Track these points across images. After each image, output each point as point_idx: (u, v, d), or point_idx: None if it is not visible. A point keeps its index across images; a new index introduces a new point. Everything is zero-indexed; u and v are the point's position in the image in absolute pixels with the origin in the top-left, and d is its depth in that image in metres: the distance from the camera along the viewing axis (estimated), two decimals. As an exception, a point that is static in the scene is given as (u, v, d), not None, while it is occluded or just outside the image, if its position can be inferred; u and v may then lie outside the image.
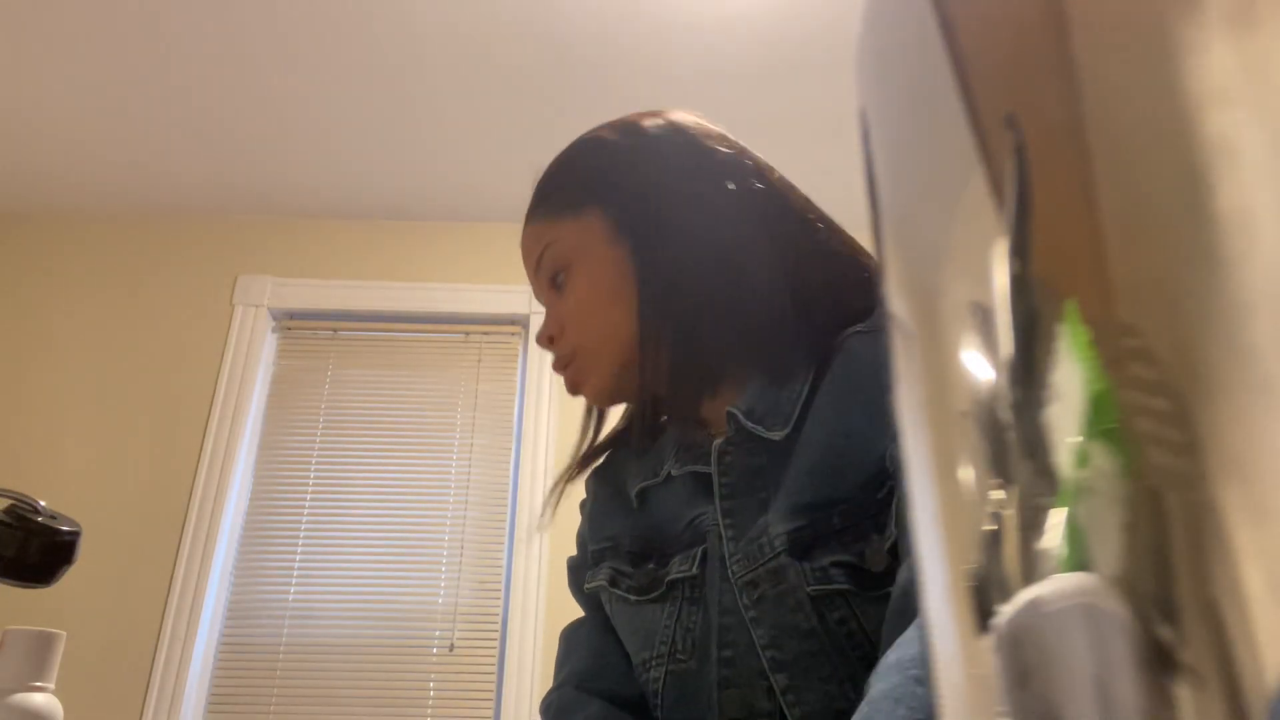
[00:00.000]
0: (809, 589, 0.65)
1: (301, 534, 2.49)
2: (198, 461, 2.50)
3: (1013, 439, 0.13)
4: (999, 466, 0.13)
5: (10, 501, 0.77)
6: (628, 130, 0.80)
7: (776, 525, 0.67)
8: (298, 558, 2.46)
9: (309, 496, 2.53)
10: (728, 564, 0.69)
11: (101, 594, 2.33)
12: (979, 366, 0.14)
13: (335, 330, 2.71)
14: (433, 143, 2.51)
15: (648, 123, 0.79)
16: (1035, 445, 0.13)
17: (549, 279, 0.80)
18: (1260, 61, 0.11)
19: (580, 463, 0.83)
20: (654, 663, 0.71)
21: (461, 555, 2.47)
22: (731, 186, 0.75)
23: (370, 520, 2.51)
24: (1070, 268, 0.13)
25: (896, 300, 0.17)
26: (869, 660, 0.63)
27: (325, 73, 2.27)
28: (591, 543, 0.81)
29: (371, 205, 2.75)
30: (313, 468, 2.56)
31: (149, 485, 2.47)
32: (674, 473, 0.75)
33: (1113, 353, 0.12)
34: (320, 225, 2.80)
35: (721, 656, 0.67)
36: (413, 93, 2.33)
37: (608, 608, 0.78)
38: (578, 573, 0.83)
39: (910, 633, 0.52)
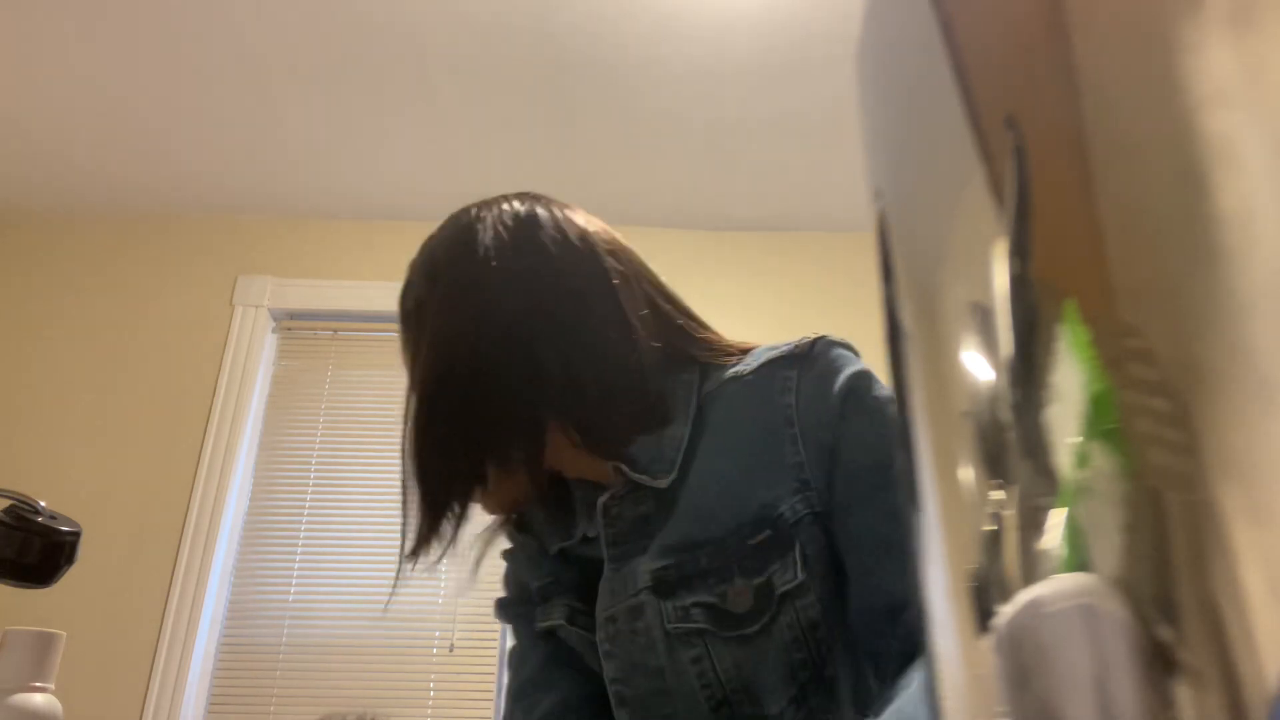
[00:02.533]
0: (668, 626, 0.67)
1: (301, 534, 2.49)
2: (198, 461, 2.50)
3: (1013, 439, 0.13)
4: (999, 467, 0.13)
5: (10, 501, 0.77)
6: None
7: (645, 564, 0.69)
8: (298, 558, 2.46)
9: (309, 496, 2.53)
10: (600, 601, 0.71)
11: (101, 594, 2.33)
12: (979, 366, 0.14)
13: (335, 330, 2.71)
14: (433, 143, 2.51)
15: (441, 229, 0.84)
16: (1035, 445, 0.13)
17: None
18: (1260, 61, 0.11)
19: (499, 525, 0.84)
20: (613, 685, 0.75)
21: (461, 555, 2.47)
22: (518, 258, 0.76)
23: (370, 520, 2.51)
24: (1070, 268, 0.13)
25: (897, 301, 0.17)
26: (715, 702, 0.65)
27: (325, 73, 2.27)
28: (534, 580, 0.81)
29: (371, 205, 2.76)
30: (313, 468, 2.56)
31: (149, 485, 2.47)
32: (588, 534, 0.77)
33: (1113, 353, 0.12)
34: (320, 225, 2.80)
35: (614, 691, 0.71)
36: (413, 93, 2.33)
37: (568, 640, 0.78)
38: (515, 608, 0.83)
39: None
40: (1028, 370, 0.13)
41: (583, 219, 0.80)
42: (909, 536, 0.17)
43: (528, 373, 0.72)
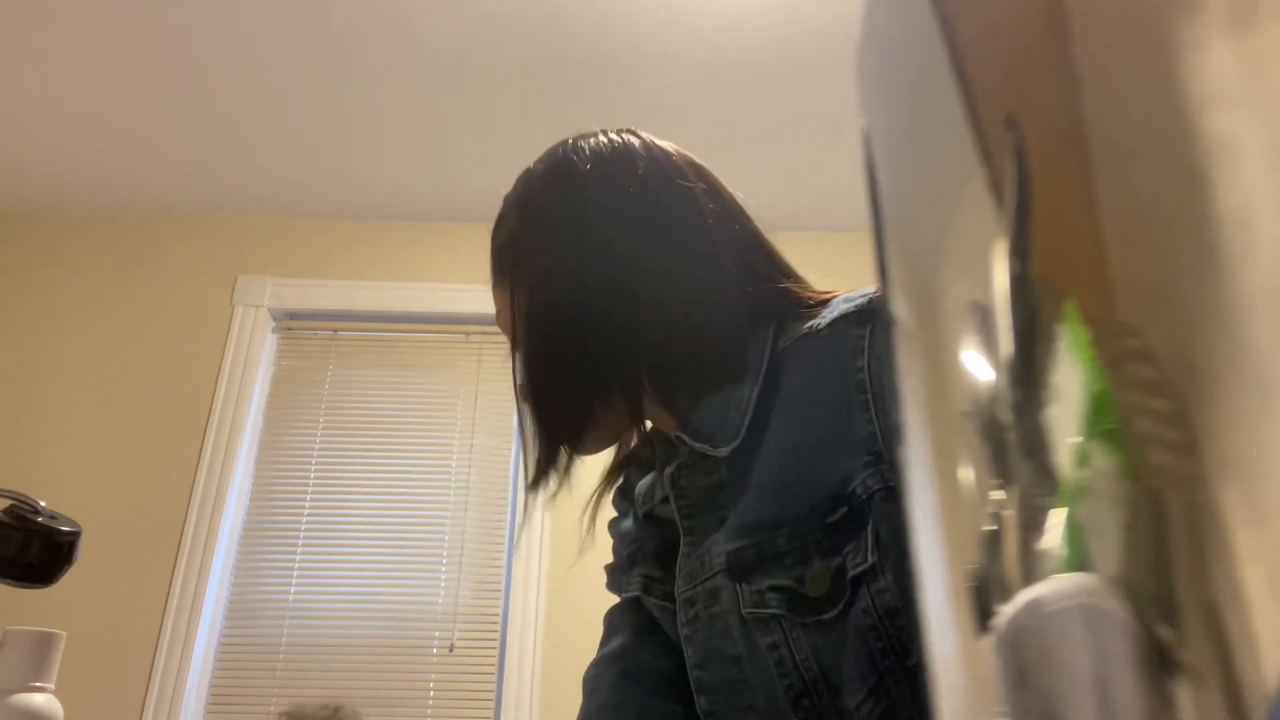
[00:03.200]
0: (744, 611, 0.64)
1: (301, 534, 2.49)
2: (198, 461, 2.50)
3: (1013, 439, 0.13)
4: (999, 466, 0.13)
5: (10, 501, 0.77)
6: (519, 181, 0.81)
7: (720, 544, 0.65)
8: (298, 558, 2.46)
9: (309, 496, 2.53)
10: (678, 581, 0.69)
11: (101, 594, 2.33)
12: (979, 366, 0.14)
13: (335, 330, 2.71)
14: (432, 143, 2.51)
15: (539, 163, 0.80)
16: (1035, 445, 0.13)
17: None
18: (1260, 61, 0.11)
19: (604, 482, 0.83)
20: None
21: (461, 555, 2.47)
22: (624, 193, 0.72)
23: (370, 520, 2.51)
24: (1070, 268, 0.13)
25: (897, 300, 0.17)
26: (794, 691, 0.62)
27: (325, 73, 2.27)
28: (623, 546, 0.81)
29: (371, 205, 2.75)
30: (313, 468, 2.56)
31: (149, 485, 2.47)
32: (655, 511, 0.76)
33: (1113, 353, 0.12)
34: (320, 225, 2.80)
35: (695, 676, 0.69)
36: (413, 92, 2.33)
37: (652, 612, 0.77)
38: (612, 575, 0.83)
39: None
40: (1028, 370, 0.13)
41: (675, 152, 0.77)
42: None
43: (626, 313, 0.69)
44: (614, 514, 0.85)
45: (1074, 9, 0.13)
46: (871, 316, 0.64)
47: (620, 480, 0.84)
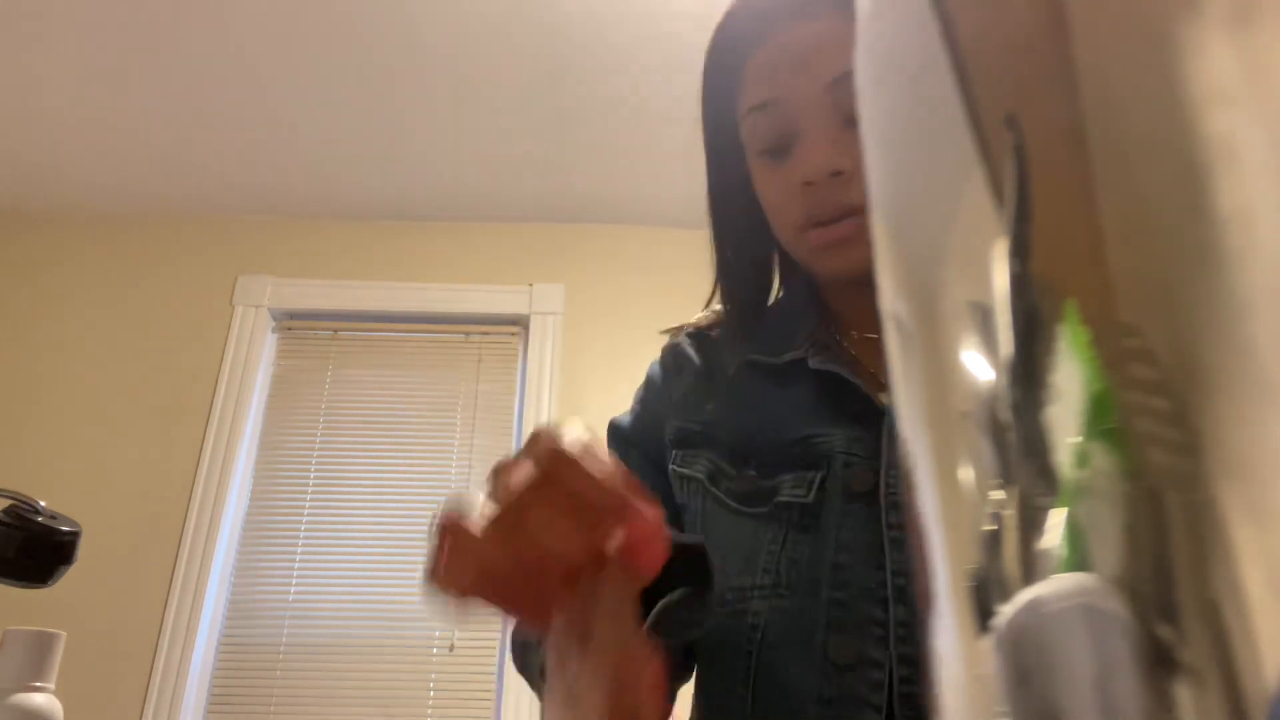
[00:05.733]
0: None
1: (301, 534, 2.49)
2: (198, 461, 2.50)
3: (1013, 439, 0.13)
4: (999, 466, 0.13)
5: (10, 501, 0.77)
6: None
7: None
8: (298, 558, 2.46)
9: (309, 496, 2.53)
10: (882, 479, 0.61)
11: (101, 594, 2.33)
12: (979, 366, 0.14)
13: (335, 330, 2.71)
14: (432, 143, 2.51)
15: None
16: (1035, 445, 0.13)
17: (846, 105, 0.63)
18: (1260, 61, 0.11)
19: (740, 319, 0.73)
20: (755, 593, 0.62)
21: (461, 555, 2.47)
22: None
23: (370, 520, 2.50)
24: (1070, 268, 0.13)
25: (897, 300, 0.17)
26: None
27: (325, 73, 2.27)
28: (680, 418, 0.70)
29: (371, 205, 2.75)
30: (313, 468, 2.56)
31: (149, 485, 2.47)
32: (811, 362, 0.65)
33: (1113, 353, 0.12)
34: (320, 225, 2.80)
35: (833, 597, 0.59)
36: (412, 93, 2.33)
37: (693, 502, 0.67)
38: (628, 437, 0.73)
39: None
40: (1028, 370, 0.13)
41: None
42: None
43: None
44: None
45: (1074, 9, 0.13)
46: None
47: (703, 328, 0.76)
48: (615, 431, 0.75)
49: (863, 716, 0.57)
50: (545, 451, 0.42)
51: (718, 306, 0.77)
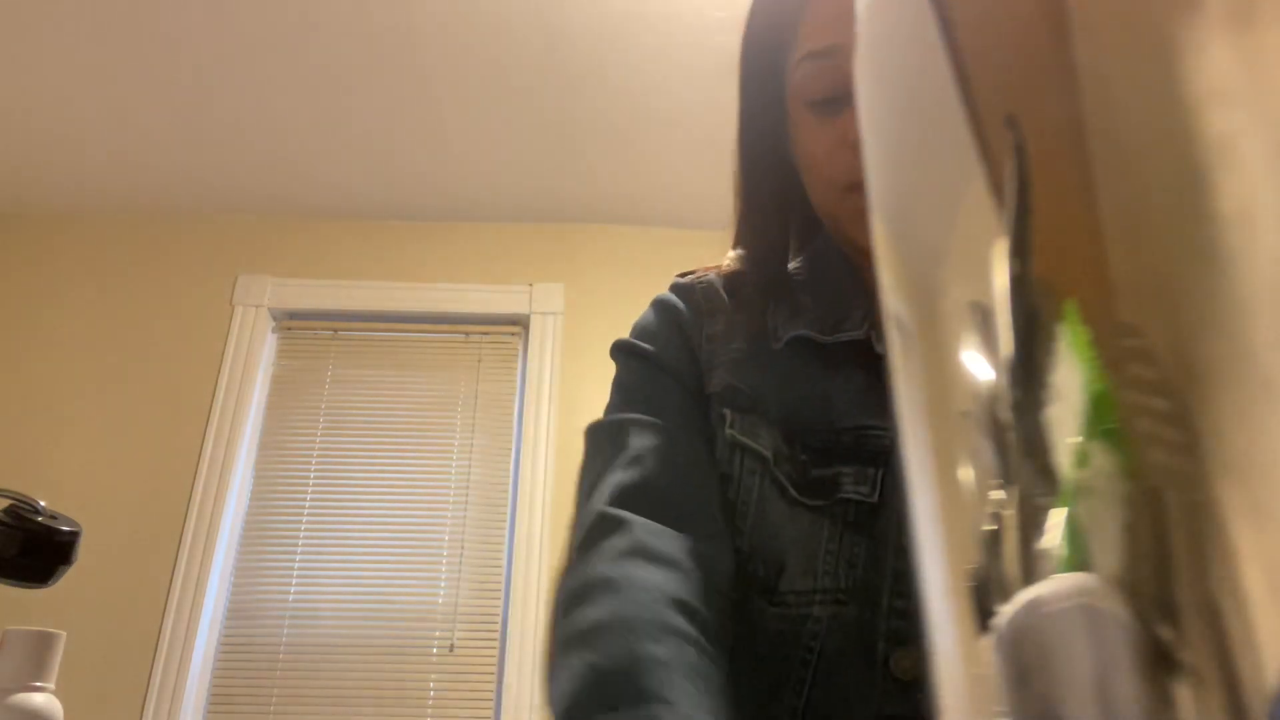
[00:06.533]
0: None
1: (301, 534, 2.49)
2: (198, 461, 2.50)
3: (1013, 439, 0.13)
4: (999, 466, 0.13)
5: (10, 501, 0.77)
6: None
7: None
8: (298, 558, 2.46)
9: (309, 496, 2.53)
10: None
11: (101, 594, 2.33)
12: (979, 366, 0.14)
13: (335, 330, 2.71)
14: (433, 143, 2.51)
15: None
16: (1035, 445, 0.13)
17: None
18: (1260, 61, 0.11)
19: (767, 285, 0.67)
20: (818, 597, 0.56)
21: (461, 555, 2.47)
22: None
23: (370, 520, 2.50)
24: (1070, 268, 0.13)
25: (897, 300, 0.17)
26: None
27: (325, 73, 2.27)
28: (728, 373, 0.63)
29: (371, 205, 2.75)
30: (313, 468, 2.56)
31: (149, 485, 2.47)
32: (877, 346, 0.60)
33: (1113, 353, 0.12)
34: (320, 225, 2.80)
35: (894, 606, 0.55)
36: (413, 92, 2.33)
37: (748, 479, 0.61)
38: (672, 363, 0.65)
39: None
40: (1028, 370, 0.13)
41: None
42: None
43: None
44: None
45: (1074, 9, 0.13)
46: None
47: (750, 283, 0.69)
48: (643, 356, 0.67)
49: None
50: None
51: (734, 259, 0.72)
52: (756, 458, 0.61)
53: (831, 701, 0.55)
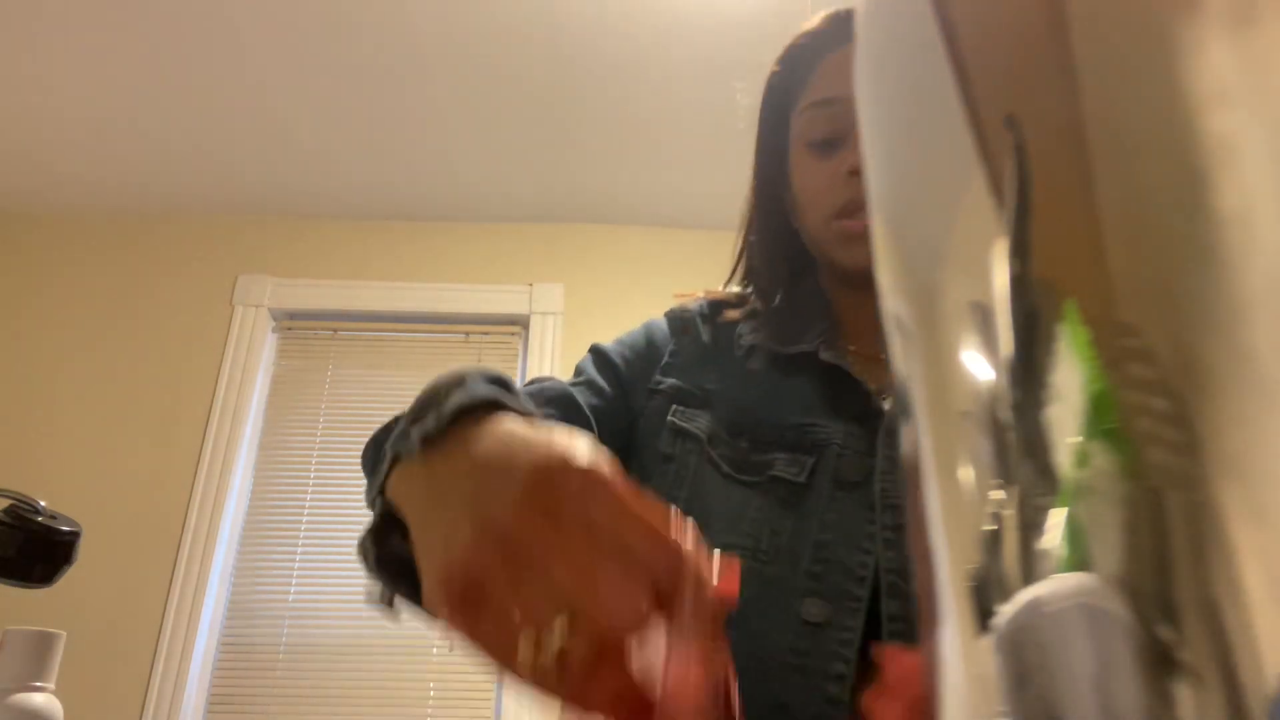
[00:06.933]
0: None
1: (301, 534, 2.49)
2: (198, 461, 2.50)
3: (1013, 439, 0.13)
4: (999, 466, 0.13)
5: (10, 501, 0.77)
6: None
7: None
8: (298, 558, 2.46)
9: (309, 496, 2.53)
10: (876, 480, 0.64)
11: (101, 594, 2.33)
12: (979, 366, 0.14)
13: (335, 330, 2.71)
14: (433, 143, 2.51)
15: None
16: (1035, 445, 0.13)
17: None
18: (1260, 61, 0.11)
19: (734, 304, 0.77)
20: (739, 553, 0.65)
21: (461, 555, 2.47)
22: None
23: (370, 520, 2.50)
24: (1070, 268, 0.13)
25: (897, 300, 0.17)
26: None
27: (325, 73, 2.27)
28: (681, 378, 0.73)
29: (371, 205, 2.75)
30: (313, 468, 2.56)
31: (149, 485, 2.47)
32: (822, 354, 0.69)
33: (1113, 353, 0.12)
34: (320, 225, 2.80)
35: (811, 570, 0.63)
36: (413, 93, 2.33)
37: (686, 458, 0.70)
38: (622, 359, 0.75)
39: None
40: (1028, 370, 0.13)
41: None
42: None
43: None
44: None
45: (1074, 9, 0.13)
46: None
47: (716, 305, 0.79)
48: (600, 353, 0.78)
49: (831, 669, 0.59)
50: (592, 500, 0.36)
51: (733, 289, 0.81)
52: (694, 440, 0.69)
53: (746, 638, 0.62)
